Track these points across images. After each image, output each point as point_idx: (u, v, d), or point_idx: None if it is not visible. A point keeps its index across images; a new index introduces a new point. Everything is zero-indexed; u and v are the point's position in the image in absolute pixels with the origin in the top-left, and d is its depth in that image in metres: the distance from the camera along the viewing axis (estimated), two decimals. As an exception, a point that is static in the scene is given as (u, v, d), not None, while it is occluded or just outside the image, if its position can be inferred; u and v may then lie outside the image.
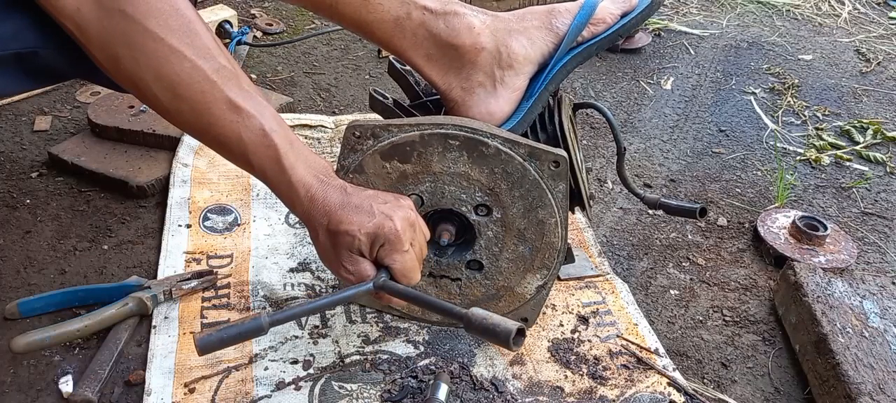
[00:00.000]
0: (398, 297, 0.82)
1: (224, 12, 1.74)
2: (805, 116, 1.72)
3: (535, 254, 0.91)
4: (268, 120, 0.75)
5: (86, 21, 0.68)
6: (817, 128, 1.66)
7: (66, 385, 0.88)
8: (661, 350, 1.01)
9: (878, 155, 1.57)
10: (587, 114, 1.61)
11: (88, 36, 0.69)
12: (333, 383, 0.91)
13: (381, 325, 1.00)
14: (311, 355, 0.95)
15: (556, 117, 0.92)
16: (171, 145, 1.28)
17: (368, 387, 0.91)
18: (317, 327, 0.99)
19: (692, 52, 1.98)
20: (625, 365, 0.98)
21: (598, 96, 1.72)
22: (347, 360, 0.94)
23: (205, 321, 0.98)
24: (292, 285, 1.05)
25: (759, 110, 1.72)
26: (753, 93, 1.79)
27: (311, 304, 0.80)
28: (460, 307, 0.77)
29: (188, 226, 1.14)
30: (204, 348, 0.71)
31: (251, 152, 0.75)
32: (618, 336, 1.03)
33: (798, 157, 1.55)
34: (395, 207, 0.80)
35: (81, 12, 0.68)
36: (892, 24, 2.27)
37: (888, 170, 1.53)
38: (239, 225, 1.16)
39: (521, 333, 0.71)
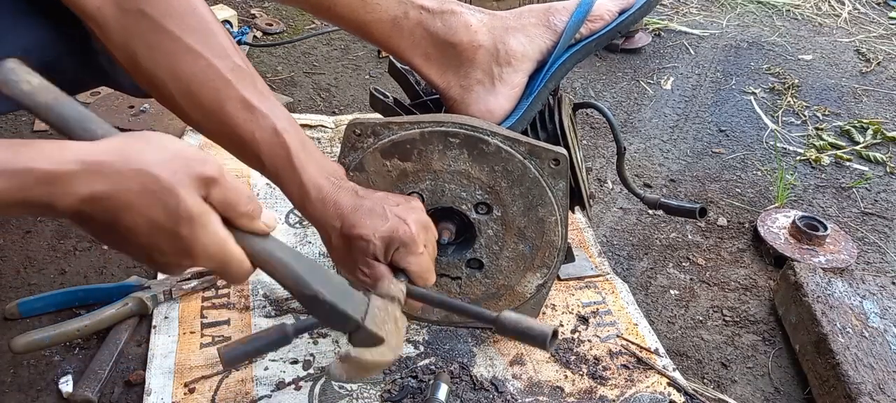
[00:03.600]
0: (422, 301, 0.80)
1: (224, 12, 1.74)
2: (805, 116, 1.72)
3: (536, 253, 0.91)
4: (280, 120, 0.75)
5: (105, 19, 0.69)
6: (817, 128, 1.66)
7: (66, 385, 0.88)
8: (661, 350, 1.01)
9: (878, 155, 1.57)
10: (587, 114, 1.61)
11: (108, 34, 0.70)
12: (333, 383, 0.91)
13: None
14: (311, 355, 0.95)
15: (556, 116, 0.92)
16: (171, 145, 1.28)
17: (368, 387, 0.91)
18: (317, 326, 0.99)
19: (692, 52, 1.98)
20: (625, 365, 0.98)
21: (598, 96, 1.72)
22: (347, 360, 0.94)
23: (205, 320, 0.98)
24: (292, 285, 1.05)
25: (759, 110, 1.72)
26: (753, 93, 1.79)
27: None
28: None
29: (188, 226, 1.14)
30: (230, 361, 0.71)
31: (263, 152, 0.75)
32: (618, 336, 1.03)
33: (798, 157, 1.55)
34: (407, 209, 0.80)
35: (102, 11, 0.68)
36: (892, 24, 2.27)
37: (888, 170, 1.53)
38: (239, 224, 1.16)
39: (555, 335, 0.69)
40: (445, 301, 0.79)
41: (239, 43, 1.70)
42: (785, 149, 1.58)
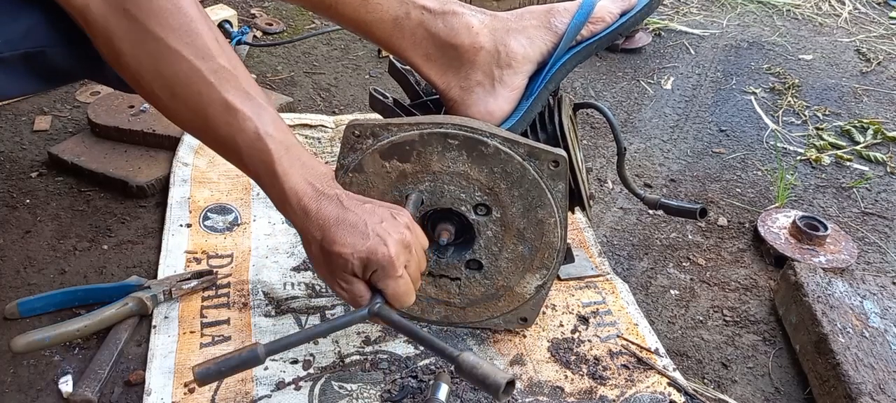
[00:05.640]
0: (392, 327, 0.80)
1: (224, 12, 1.74)
2: (805, 116, 1.72)
3: (535, 254, 0.91)
4: (264, 123, 0.73)
5: (92, 16, 0.68)
6: (817, 128, 1.66)
7: (66, 385, 0.88)
8: (661, 350, 1.01)
9: (878, 155, 1.57)
10: (587, 114, 1.61)
11: (94, 32, 0.69)
12: (333, 383, 0.91)
13: (381, 325, 1.00)
14: (311, 355, 0.95)
15: (555, 117, 0.92)
16: (171, 145, 1.28)
17: (368, 387, 0.91)
18: (316, 327, 0.99)
19: (692, 51, 1.98)
20: (625, 365, 0.98)
21: (598, 96, 1.72)
22: (347, 360, 0.94)
23: (205, 320, 0.98)
24: (292, 284, 1.05)
25: (759, 110, 1.72)
26: (754, 93, 1.79)
27: (307, 333, 0.78)
28: (451, 349, 0.77)
29: (188, 226, 1.14)
30: (203, 379, 0.72)
31: (245, 156, 0.74)
32: (618, 336, 1.03)
33: (798, 157, 1.55)
34: (390, 227, 0.77)
35: (89, 7, 0.68)
36: (893, 24, 2.27)
37: (888, 170, 1.53)
38: (239, 224, 1.16)
39: (510, 384, 0.70)
40: (412, 331, 0.79)
41: (239, 43, 1.70)
42: (785, 148, 1.58)
